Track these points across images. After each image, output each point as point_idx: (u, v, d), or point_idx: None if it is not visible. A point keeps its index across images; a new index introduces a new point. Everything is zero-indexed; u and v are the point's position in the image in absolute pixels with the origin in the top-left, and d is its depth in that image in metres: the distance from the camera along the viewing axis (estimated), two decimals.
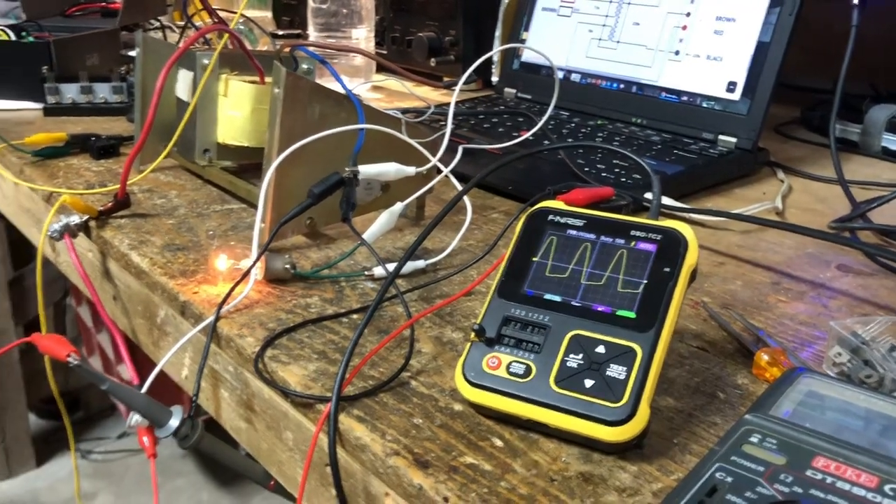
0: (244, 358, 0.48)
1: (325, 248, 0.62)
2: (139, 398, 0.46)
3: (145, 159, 0.71)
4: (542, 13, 1.04)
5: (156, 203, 0.70)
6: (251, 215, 0.67)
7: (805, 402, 0.37)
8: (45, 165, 0.80)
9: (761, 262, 0.62)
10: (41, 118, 0.98)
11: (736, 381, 0.45)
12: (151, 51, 0.74)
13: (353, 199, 0.57)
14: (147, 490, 1.90)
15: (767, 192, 0.80)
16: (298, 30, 1.45)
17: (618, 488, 0.36)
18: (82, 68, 1.02)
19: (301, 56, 0.67)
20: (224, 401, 0.52)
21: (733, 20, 0.85)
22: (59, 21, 1.26)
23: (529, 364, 0.39)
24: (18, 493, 1.90)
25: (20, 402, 1.89)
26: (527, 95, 1.05)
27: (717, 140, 0.84)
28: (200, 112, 0.70)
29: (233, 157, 0.73)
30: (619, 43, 0.95)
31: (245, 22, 1.19)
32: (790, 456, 0.32)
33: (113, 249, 0.63)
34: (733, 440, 0.33)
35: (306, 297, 0.53)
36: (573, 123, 0.93)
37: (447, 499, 0.35)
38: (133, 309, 0.64)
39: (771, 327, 0.51)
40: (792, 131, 1.05)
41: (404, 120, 0.65)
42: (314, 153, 0.57)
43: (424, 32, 1.25)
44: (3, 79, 1.01)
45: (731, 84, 0.84)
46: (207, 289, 0.54)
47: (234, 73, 0.70)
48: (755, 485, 0.31)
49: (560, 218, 0.44)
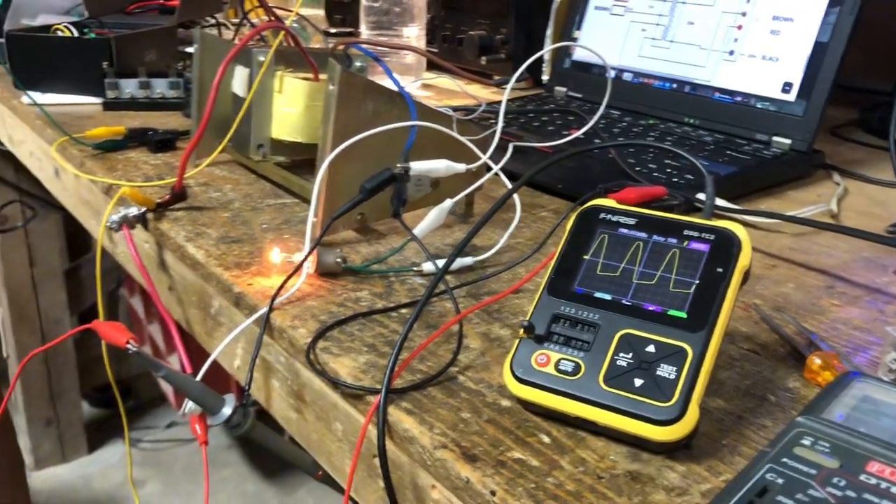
0: (296, 349, 0.49)
1: (375, 244, 0.62)
2: (194, 386, 0.48)
3: (201, 153, 0.73)
4: (595, 12, 1.03)
5: (211, 196, 0.71)
6: (303, 210, 0.68)
7: (859, 406, 0.36)
8: (105, 158, 0.82)
9: (815, 265, 0.61)
10: (101, 112, 1.01)
11: (787, 385, 0.44)
12: (209, 47, 0.76)
13: (404, 195, 0.58)
14: (194, 479, 1.94)
15: (822, 195, 0.78)
16: (351, 28, 1.46)
17: (666, 488, 0.36)
18: (141, 64, 1.05)
19: (355, 53, 0.68)
20: (275, 391, 0.53)
21: (791, 20, 0.84)
22: (119, 18, 1.29)
23: (578, 362, 0.39)
24: (71, 478, 1.96)
25: (74, 390, 1.94)
26: (577, 94, 1.05)
27: (772, 141, 0.83)
28: (255, 108, 0.71)
29: (286, 152, 0.74)
30: (672, 42, 0.94)
31: (299, 20, 1.21)
32: (843, 460, 0.32)
33: (169, 241, 0.64)
34: (785, 442, 0.33)
35: (356, 291, 0.54)
36: (624, 123, 0.93)
37: (494, 492, 0.35)
38: (188, 299, 0.65)
39: (824, 331, 0.50)
40: (849, 133, 1.03)
41: (455, 117, 0.65)
42: (366, 149, 0.58)
43: (475, 31, 1.25)
44: (66, 74, 1.04)
45: (787, 85, 0.83)
46: (261, 281, 0.55)
47: (288, 70, 0.71)
48: (807, 487, 0.30)
49: (612, 216, 0.44)
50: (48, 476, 1.95)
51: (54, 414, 1.92)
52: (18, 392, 1.86)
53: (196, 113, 0.77)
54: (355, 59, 0.69)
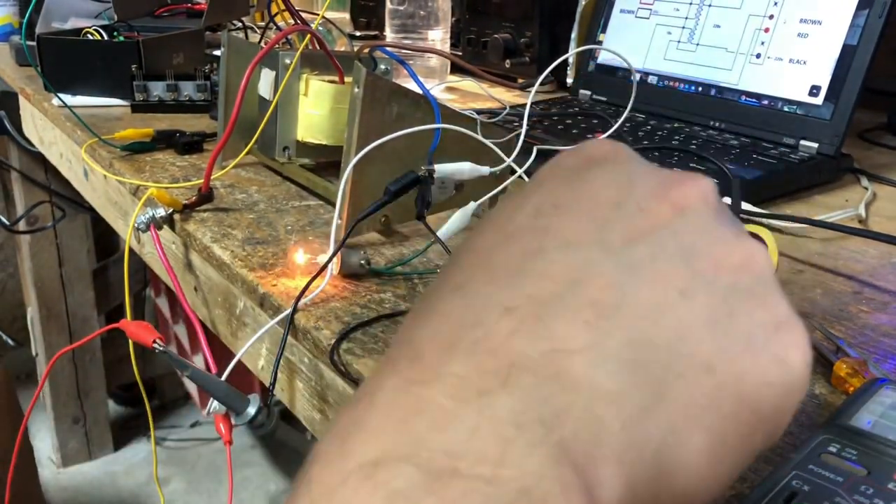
0: (320, 350, 0.49)
1: (398, 246, 0.63)
2: (220, 386, 0.48)
3: (227, 155, 0.73)
4: (620, 15, 1.03)
5: (237, 198, 0.72)
6: (328, 211, 0.69)
7: (887, 413, 0.36)
8: (133, 160, 0.83)
9: (842, 270, 0.61)
10: (129, 114, 1.02)
11: (813, 391, 0.44)
12: (236, 50, 0.76)
13: (428, 198, 0.58)
14: (217, 478, 1.96)
15: (850, 200, 0.77)
16: (375, 31, 1.47)
17: None
18: (168, 67, 1.06)
19: (380, 56, 0.68)
20: (299, 391, 0.54)
21: (819, 23, 0.83)
22: (147, 21, 1.30)
23: None
24: (97, 475, 1.98)
25: (101, 389, 1.97)
26: (602, 97, 1.04)
27: (799, 145, 0.82)
28: (281, 110, 0.72)
29: (311, 154, 0.75)
30: (698, 45, 0.94)
31: (324, 23, 1.22)
32: (871, 467, 0.31)
33: (196, 242, 0.65)
34: (810, 449, 0.33)
35: (380, 293, 0.54)
36: (649, 126, 0.92)
37: None
38: (213, 300, 0.66)
39: (851, 337, 0.50)
40: (878, 137, 1.01)
41: (479, 120, 0.65)
42: (391, 152, 0.58)
43: (500, 34, 1.25)
44: (95, 77, 1.06)
45: (815, 88, 0.82)
46: (285, 282, 0.56)
47: (314, 72, 0.72)
48: (834, 495, 0.30)
49: None
50: (75, 473, 1.97)
51: (81, 412, 1.94)
52: (46, 390, 1.88)
53: (223, 115, 0.78)
54: (380, 62, 0.69)
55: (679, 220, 0.25)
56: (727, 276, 0.25)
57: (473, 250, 0.26)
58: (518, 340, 0.22)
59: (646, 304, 0.23)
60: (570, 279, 0.23)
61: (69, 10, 1.24)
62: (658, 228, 0.25)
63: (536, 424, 0.20)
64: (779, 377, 0.24)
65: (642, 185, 0.26)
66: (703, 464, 0.23)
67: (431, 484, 0.19)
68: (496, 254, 0.25)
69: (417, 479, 0.19)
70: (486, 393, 0.21)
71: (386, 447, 0.20)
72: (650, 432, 0.22)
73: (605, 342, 0.22)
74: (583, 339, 0.22)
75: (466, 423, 0.20)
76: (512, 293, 0.23)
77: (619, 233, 0.24)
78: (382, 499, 0.19)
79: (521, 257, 0.24)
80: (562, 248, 0.24)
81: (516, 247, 0.25)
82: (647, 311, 0.23)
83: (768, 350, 0.24)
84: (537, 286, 0.23)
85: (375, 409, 0.21)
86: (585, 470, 0.20)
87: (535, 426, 0.20)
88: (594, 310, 0.23)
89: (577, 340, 0.22)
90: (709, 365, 0.23)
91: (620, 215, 0.25)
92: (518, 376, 0.21)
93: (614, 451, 0.21)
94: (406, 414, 0.21)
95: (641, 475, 0.22)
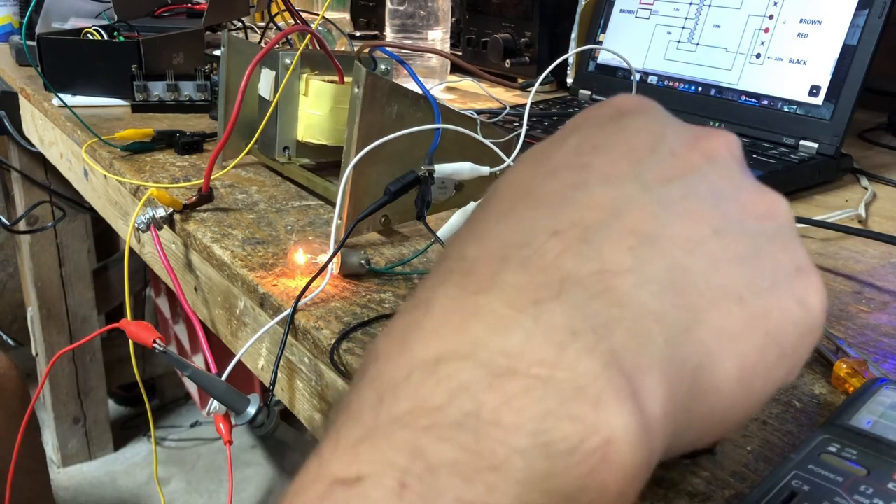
0: (320, 350, 0.49)
1: (398, 246, 0.63)
2: (219, 385, 0.48)
3: (227, 155, 0.74)
4: (620, 15, 1.03)
5: (237, 198, 0.72)
6: (328, 212, 0.69)
7: (887, 413, 0.36)
8: (133, 160, 0.83)
9: (842, 270, 0.61)
10: (129, 114, 1.02)
11: (813, 391, 0.44)
12: (236, 50, 0.76)
13: (428, 198, 0.58)
14: (217, 478, 1.96)
15: (850, 200, 0.77)
16: (375, 31, 1.47)
17: (689, 493, 0.36)
18: (168, 67, 1.06)
19: (380, 56, 0.68)
20: (299, 391, 0.54)
21: (818, 23, 0.83)
22: (147, 21, 1.30)
23: None
24: (97, 475, 1.98)
25: (101, 389, 1.96)
26: (602, 97, 1.04)
27: (798, 145, 0.82)
28: (281, 110, 0.72)
29: (311, 154, 0.75)
30: (698, 45, 0.94)
31: (324, 23, 1.22)
32: (871, 467, 0.31)
33: (196, 242, 0.65)
34: (810, 449, 0.33)
35: (380, 293, 0.54)
36: None
37: None
38: (213, 300, 0.66)
39: (851, 337, 0.50)
40: (877, 137, 1.02)
41: (479, 120, 0.65)
42: (391, 152, 0.58)
43: (500, 34, 1.25)
44: (95, 77, 1.06)
45: (815, 88, 0.82)
46: (286, 282, 0.56)
47: (314, 72, 0.72)
48: (833, 495, 0.30)
49: None
50: (74, 473, 1.97)
51: (81, 412, 1.94)
52: (46, 390, 1.88)
53: (223, 115, 0.78)
54: (380, 62, 0.69)
55: (708, 167, 0.27)
56: (753, 220, 0.26)
57: (513, 185, 0.27)
58: (567, 260, 0.23)
59: (682, 236, 0.25)
60: (612, 209, 0.24)
61: (69, 10, 1.24)
62: (689, 172, 0.26)
63: (589, 332, 0.22)
64: (800, 317, 0.26)
65: (673, 135, 0.27)
66: (735, 388, 0.24)
67: (492, 381, 0.21)
68: (538, 186, 0.26)
69: (478, 376, 0.21)
70: (540, 302, 0.22)
71: (447, 346, 0.21)
72: (689, 350, 0.23)
73: (647, 266, 0.24)
74: (627, 262, 0.23)
75: (523, 328, 0.21)
76: (558, 218, 0.24)
77: (654, 173, 0.26)
78: (446, 391, 0.20)
79: (564, 189, 0.25)
80: (602, 183, 0.25)
81: (558, 181, 0.26)
82: (683, 241, 0.25)
83: (791, 291, 0.26)
84: (581, 214, 0.24)
85: (432, 315, 0.23)
86: (633, 377, 0.22)
87: (587, 334, 0.22)
88: (636, 237, 0.24)
89: (623, 263, 0.23)
90: (740, 297, 0.25)
91: (655, 159, 0.26)
92: (570, 290, 0.22)
93: (659, 363, 0.22)
94: (464, 318, 0.22)
95: (679, 390, 0.23)
